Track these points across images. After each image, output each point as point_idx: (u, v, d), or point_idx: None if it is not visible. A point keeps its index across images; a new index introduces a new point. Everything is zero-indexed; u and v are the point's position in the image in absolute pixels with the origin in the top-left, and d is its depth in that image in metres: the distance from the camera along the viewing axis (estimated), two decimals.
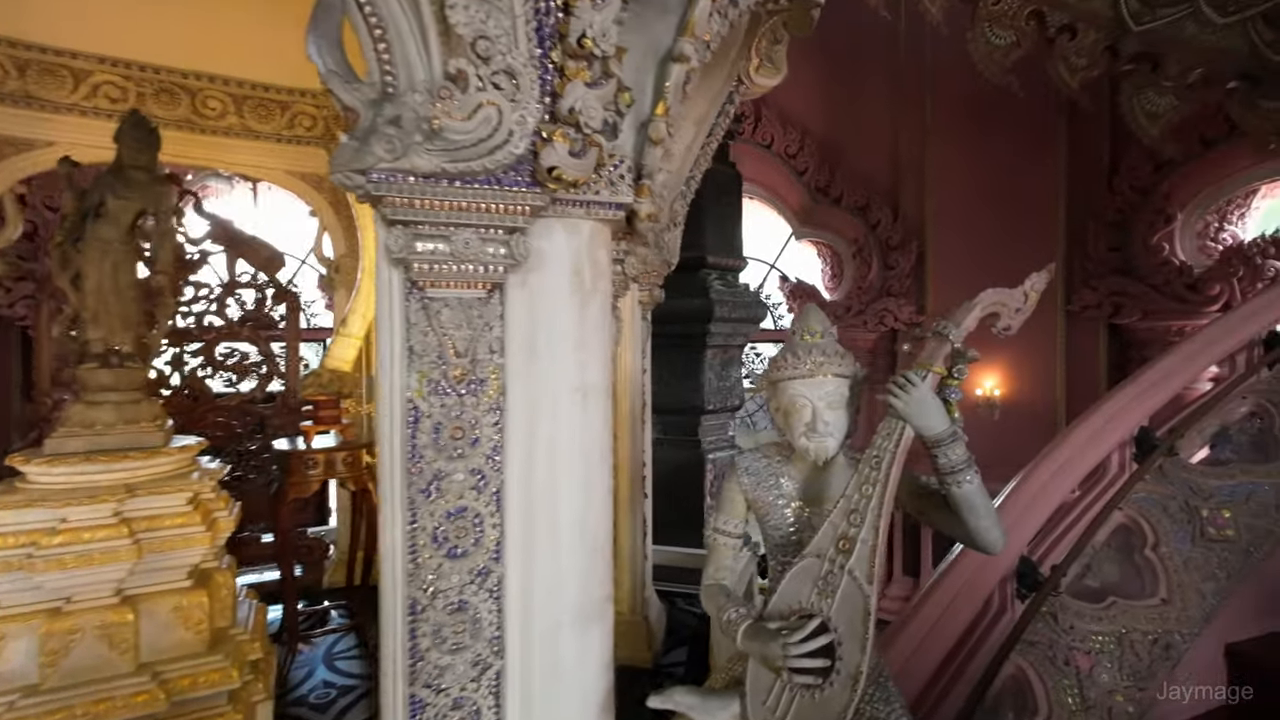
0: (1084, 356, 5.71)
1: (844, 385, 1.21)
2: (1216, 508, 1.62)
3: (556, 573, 1.16)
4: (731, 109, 2.21)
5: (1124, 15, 4.00)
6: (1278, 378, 1.82)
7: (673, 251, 2.30)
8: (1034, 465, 1.58)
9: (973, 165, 6.13)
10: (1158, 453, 1.67)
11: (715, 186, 4.97)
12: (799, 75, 7.33)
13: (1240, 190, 5.10)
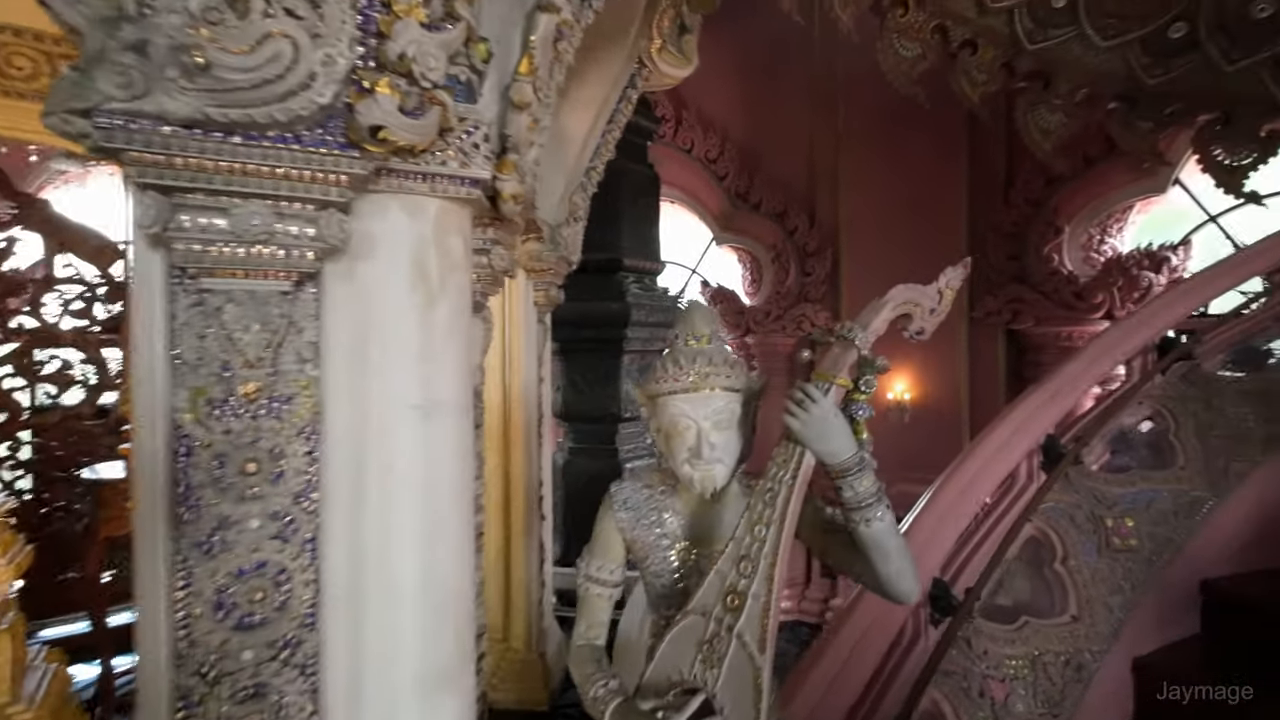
0: (985, 361, 5.96)
1: (735, 401, 1.05)
2: (1120, 516, 1.59)
3: (393, 637, 0.92)
4: (634, 94, 2.04)
5: (1019, 34, 4.16)
6: (1171, 383, 1.82)
7: (573, 248, 2.10)
8: (943, 481, 1.48)
9: (884, 174, 6.30)
10: (1065, 461, 1.61)
11: (633, 187, 4.83)
12: (719, 81, 7.37)
13: (1119, 205, 5.47)
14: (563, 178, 1.96)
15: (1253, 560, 1.65)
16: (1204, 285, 1.78)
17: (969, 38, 4.29)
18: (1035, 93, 4.30)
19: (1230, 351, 1.92)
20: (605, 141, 2.05)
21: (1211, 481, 1.65)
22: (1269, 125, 3.77)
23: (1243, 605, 1.57)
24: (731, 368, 1.07)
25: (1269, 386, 1.77)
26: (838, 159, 6.56)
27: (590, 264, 4.66)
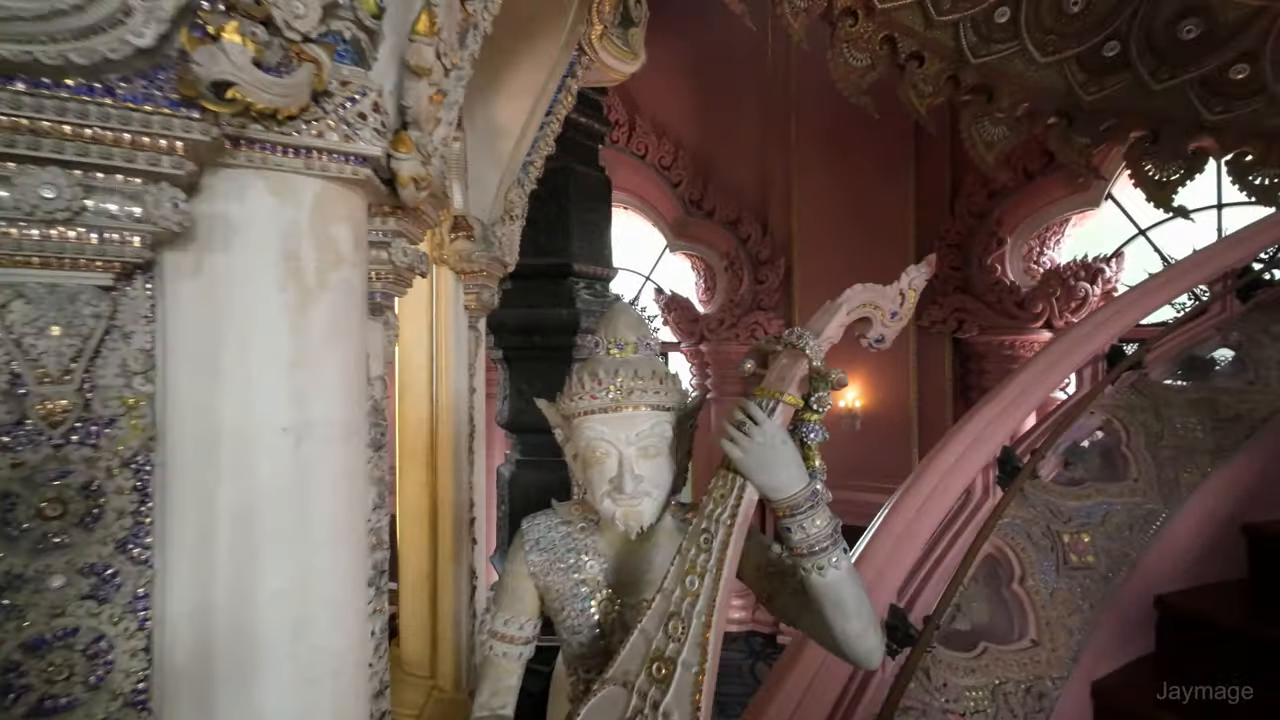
0: (933, 369, 6.05)
1: (665, 421, 0.91)
2: (1077, 532, 1.53)
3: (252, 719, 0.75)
4: (575, 84, 1.91)
5: (964, 47, 4.22)
6: (1121, 393, 1.79)
7: (509, 249, 1.94)
8: (897, 499, 1.39)
9: (835, 184, 6.35)
10: (1021, 475, 1.55)
11: (583, 191, 4.70)
12: (673, 88, 7.31)
13: (1056, 219, 5.65)
14: (497, 171, 1.80)
15: (1205, 574, 1.63)
16: (1152, 293, 1.75)
17: (916, 50, 4.34)
18: (979, 106, 4.38)
19: (1176, 361, 1.91)
20: (544, 135, 1.91)
21: (1164, 494, 1.61)
22: (1195, 143, 3.91)
23: (1197, 620, 1.53)
24: (661, 382, 0.92)
25: (1214, 396, 1.75)
26: (790, 168, 6.59)
27: (539, 269, 4.52)
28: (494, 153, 1.78)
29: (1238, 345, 1.85)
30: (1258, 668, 1.40)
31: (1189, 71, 3.79)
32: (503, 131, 1.78)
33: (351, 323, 0.85)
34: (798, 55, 5.76)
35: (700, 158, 7.16)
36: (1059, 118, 4.22)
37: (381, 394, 1.01)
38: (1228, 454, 1.68)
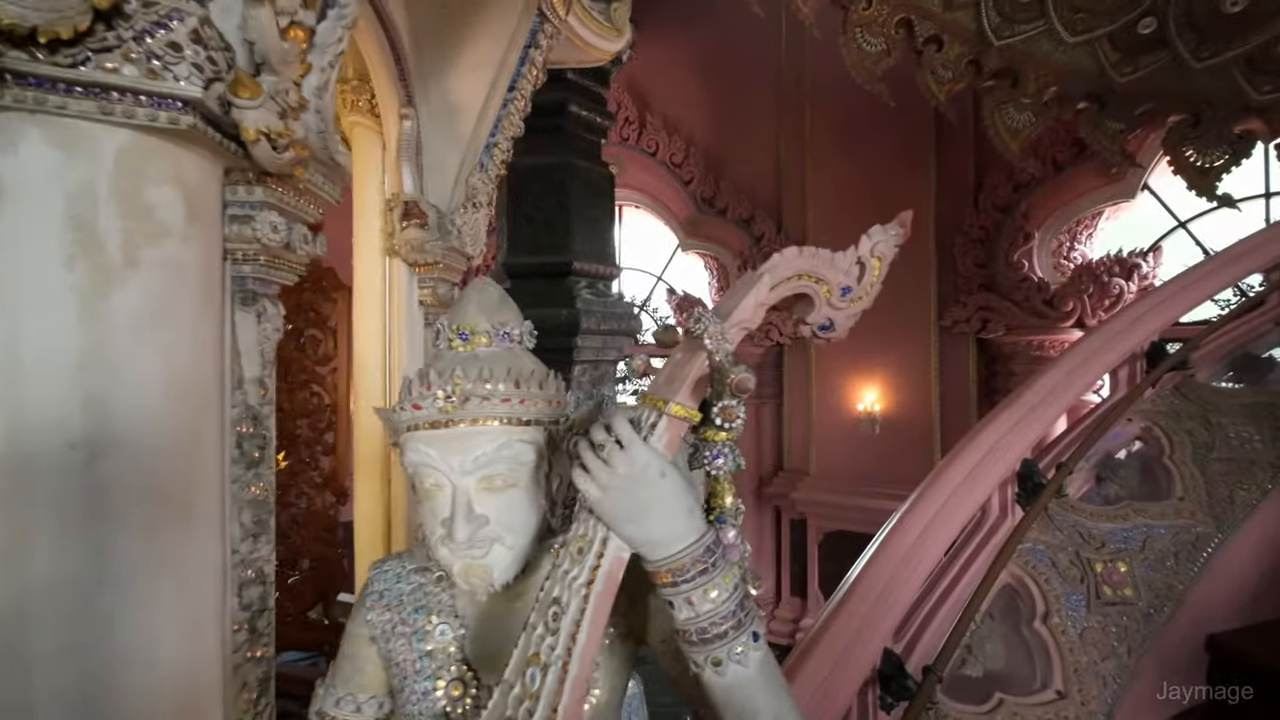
0: (956, 370, 5.77)
1: (523, 441, 0.67)
2: (1111, 559, 1.31)
3: None
4: (539, 56, 1.73)
5: (985, 29, 3.96)
6: (1162, 397, 1.56)
7: (472, 240, 1.78)
8: (898, 519, 1.18)
9: (851, 179, 6.11)
10: (1046, 493, 1.33)
11: (585, 186, 4.54)
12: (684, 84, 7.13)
13: (1087, 212, 5.33)
14: (456, 154, 1.64)
15: (1265, 609, 1.39)
16: (1198, 283, 1.52)
17: (934, 33, 4.10)
18: (1003, 91, 4.11)
19: (1227, 360, 1.66)
20: (509, 114, 1.74)
21: (1215, 515, 1.38)
22: (1241, 126, 3.61)
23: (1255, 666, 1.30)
24: (519, 385, 0.68)
25: (1275, 401, 1.51)
26: (805, 164, 6.36)
27: (536, 267, 4.37)
28: (452, 133, 1.62)
29: None
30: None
31: (1234, 48, 3.49)
32: (461, 110, 1.62)
33: (182, 313, 0.68)
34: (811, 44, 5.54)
35: (712, 155, 6.97)
36: (1090, 102, 3.94)
37: (260, 400, 0.85)
38: None
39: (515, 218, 4.42)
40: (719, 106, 6.93)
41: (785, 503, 6.34)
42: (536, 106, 4.46)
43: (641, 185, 7.15)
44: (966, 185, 5.71)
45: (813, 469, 6.28)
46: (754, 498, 6.66)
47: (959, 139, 5.57)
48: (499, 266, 4.55)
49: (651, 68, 7.06)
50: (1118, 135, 3.94)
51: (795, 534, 6.42)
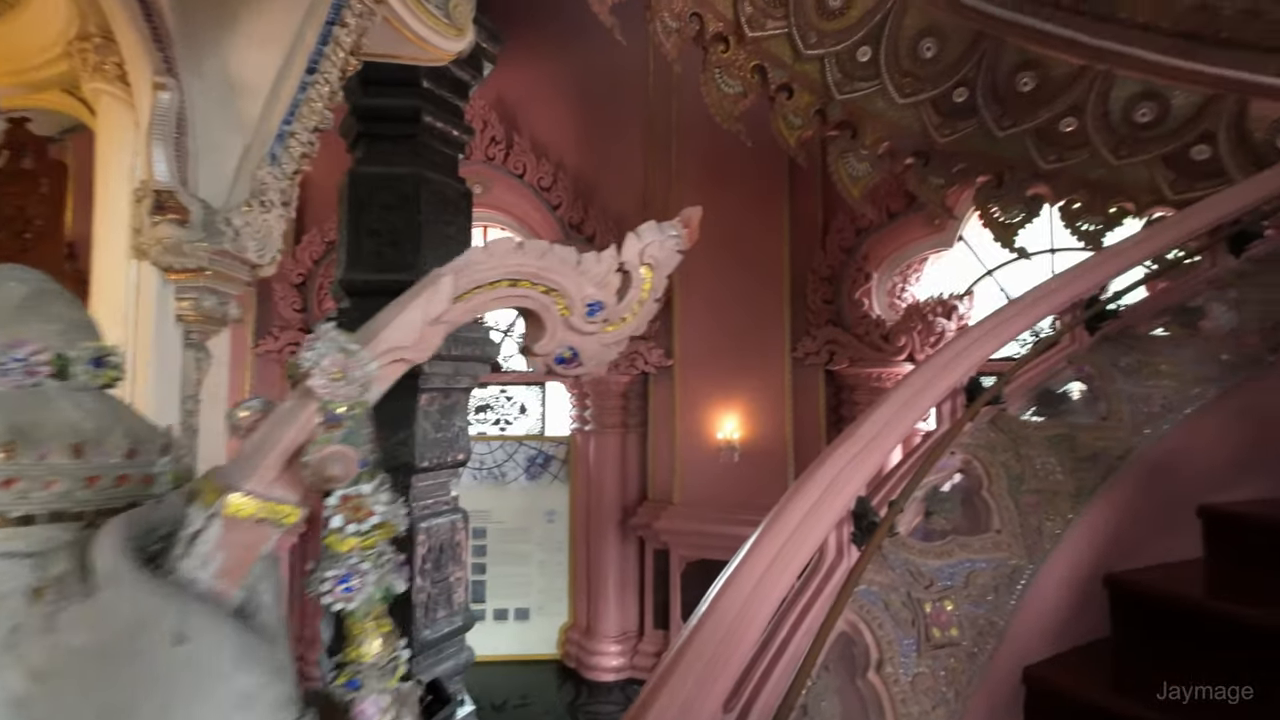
0: (807, 399, 6.07)
1: (11, 557, 0.37)
2: (939, 598, 1.29)
3: None
4: (345, 36, 1.49)
5: (829, 83, 4.26)
6: (980, 430, 1.61)
7: (259, 245, 1.48)
8: (731, 572, 1.07)
9: (713, 212, 6.23)
10: (879, 531, 1.28)
11: (439, 201, 4.24)
12: (556, 109, 7.04)
13: (916, 256, 5.90)
14: (238, 140, 1.36)
15: (1073, 635, 1.45)
16: (1008, 323, 1.60)
17: (786, 81, 4.34)
18: (845, 141, 4.42)
19: (1031, 395, 1.77)
20: (309, 100, 1.48)
21: (1028, 546, 1.42)
22: (1033, 189, 4.14)
23: (1062, 696, 1.34)
24: (17, 452, 0.41)
25: (1072, 433, 1.62)
26: (670, 195, 6.49)
27: (382, 285, 3.98)
28: (232, 115, 1.34)
29: (1089, 378, 1.74)
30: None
31: (1027, 121, 4.00)
32: (246, 88, 1.35)
33: None
34: (679, 79, 5.70)
35: (582, 180, 6.92)
36: (916, 158, 4.34)
37: None
38: (1088, 497, 1.53)
39: (357, 230, 4.02)
40: (590, 133, 6.92)
41: (649, 533, 6.28)
42: (384, 111, 4.14)
43: (507, 206, 6.92)
44: (816, 226, 6.12)
45: (676, 497, 6.28)
46: (618, 529, 6.53)
47: (810, 182, 5.97)
48: (336, 283, 4.09)
49: (522, 88, 6.91)
50: (939, 190, 4.36)
51: (658, 564, 6.37)
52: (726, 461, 6.09)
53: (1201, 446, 1.66)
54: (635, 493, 6.63)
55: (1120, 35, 3.66)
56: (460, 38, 1.97)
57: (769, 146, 4.54)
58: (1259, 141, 3.38)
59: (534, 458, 6.95)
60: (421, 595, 4.00)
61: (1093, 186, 3.92)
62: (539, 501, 6.91)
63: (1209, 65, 3.43)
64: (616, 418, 6.65)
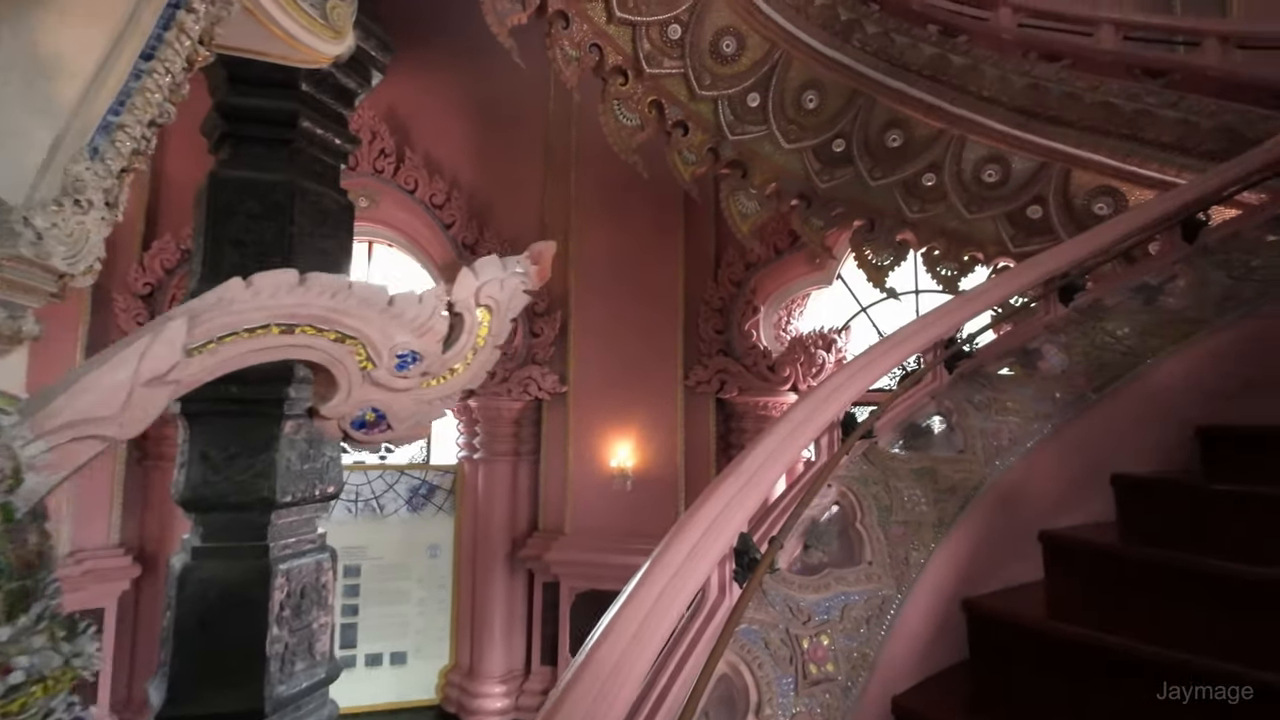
0: (699, 427, 6.19)
1: None
2: (815, 634, 1.30)
3: None
4: (192, 23, 1.32)
5: (722, 124, 4.44)
6: (854, 463, 1.68)
7: (69, 251, 1.24)
8: (610, 620, 1.01)
9: (611, 241, 6.36)
10: (760, 568, 1.28)
11: (315, 213, 3.93)
12: (453, 126, 6.83)
13: (799, 292, 6.25)
14: (47, 127, 1.15)
15: (937, 660, 1.52)
16: (880, 359, 1.69)
17: (681, 119, 4.47)
18: (736, 180, 4.61)
19: (899, 428, 1.87)
20: (144, 90, 1.29)
21: (896, 576, 1.48)
22: (901, 235, 4.51)
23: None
24: None
25: (934, 466, 1.72)
26: (569, 221, 6.47)
27: None
28: (38, 96, 1.13)
29: (948, 413, 1.87)
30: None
31: (895, 174, 4.37)
32: (60, 69, 1.14)
33: None
34: (580, 107, 5.74)
35: (477, 200, 6.74)
36: (800, 200, 4.61)
37: None
38: (948, 526, 1.63)
39: (216, 240, 3.62)
40: (487, 153, 6.78)
41: (538, 565, 6.07)
42: (256, 112, 3.80)
43: (396, 222, 6.59)
44: (709, 258, 6.33)
45: (568, 527, 6.14)
46: (506, 562, 6.27)
47: (704, 215, 6.18)
48: (189, 296, 3.66)
49: (417, 102, 6.66)
50: (819, 231, 4.64)
51: (548, 597, 6.16)
52: (619, 489, 6.05)
53: (1041, 477, 1.83)
54: (525, 523, 6.41)
55: (971, 105, 4.12)
56: (338, 41, 1.84)
57: (666, 179, 4.64)
58: (1079, 206, 3.91)
59: (417, 488, 6.54)
60: (277, 647, 3.57)
61: (949, 236, 4.34)
62: (421, 535, 6.49)
63: (1041, 137, 3.93)
64: (508, 445, 6.43)
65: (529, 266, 0.53)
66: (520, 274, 0.53)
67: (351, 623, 6.31)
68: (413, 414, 0.42)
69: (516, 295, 0.52)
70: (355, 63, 3.98)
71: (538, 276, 0.54)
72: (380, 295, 0.42)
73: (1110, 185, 3.80)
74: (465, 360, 0.46)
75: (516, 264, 0.51)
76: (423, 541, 6.50)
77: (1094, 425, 1.92)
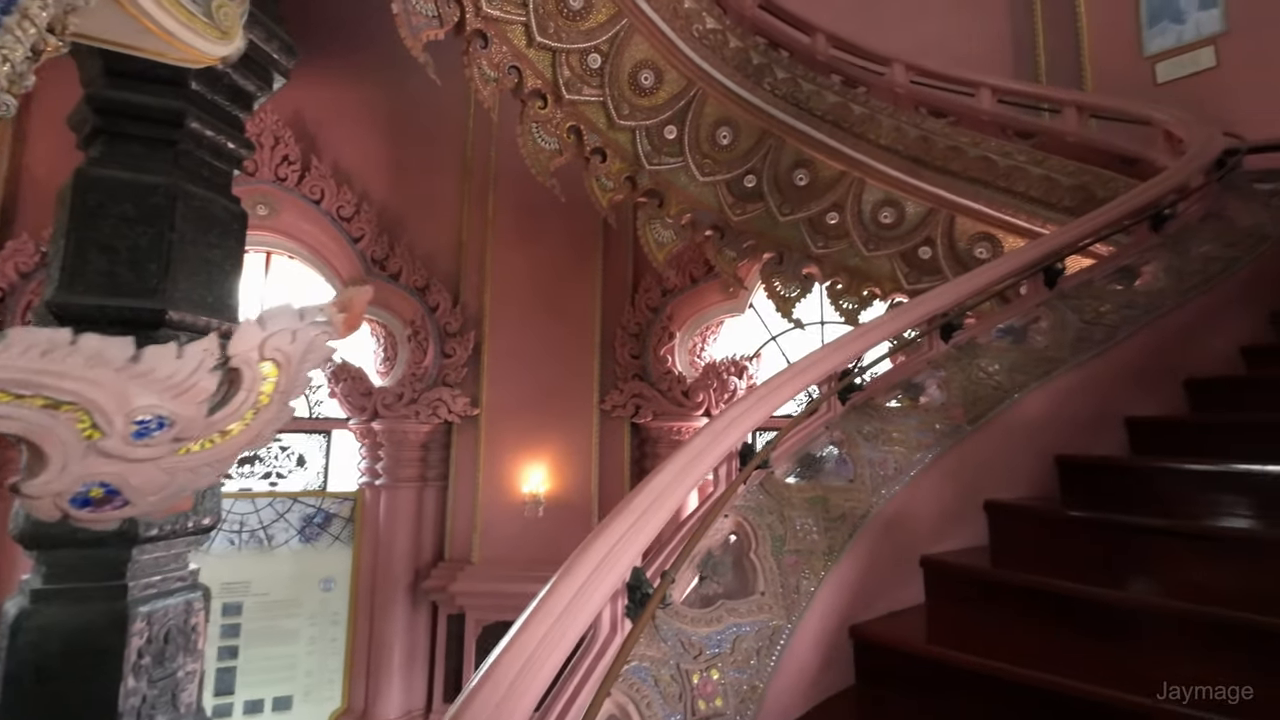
0: (613, 451, 6.16)
1: None
2: (706, 668, 1.30)
3: None
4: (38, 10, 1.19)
5: (639, 154, 4.52)
6: (751, 492, 1.71)
7: None
8: (491, 663, 0.96)
9: (529, 262, 6.29)
10: (651, 603, 1.26)
11: (201, 219, 3.64)
12: (364, 137, 6.57)
13: (713, 319, 6.41)
14: None
15: (825, 687, 1.55)
16: (778, 389, 1.73)
17: (600, 146, 4.52)
18: (652, 209, 4.70)
19: (795, 458, 1.92)
20: None
21: (787, 606, 1.50)
22: (807, 269, 4.74)
23: None
24: None
25: (826, 495, 1.77)
26: (486, 241, 6.35)
27: (112, 312, 3.27)
28: None
29: (840, 443, 1.94)
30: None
31: (802, 211, 4.60)
32: None
33: None
34: (499, 126, 5.68)
35: (389, 215, 6.49)
36: (714, 231, 4.75)
37: None
38: (837, 554, 1.68)
39: (81, 243, 3.27)
40: (402, 167, 6.56)
41: (443, 596, 5.79)
42: (136, 108, 3.49)
43: (298, 233, 6.23)
44: (627, 283, 6.38)
45: (476, 556, 5.91)
46: (408, 595, 5.94)
47: (622, 241, 6.25)
48: (43, 305, 3.27)
49: (327, 109, 6.37)
50: (732, 261, 4.80)
51: (452, 630, 5.87)
52: (531, 516, 5.90)
53: (923, 504, 1.94)
54: (431, 553, 6.12)
55: (869, 151, 4.42)
56: (225, 41, 1.72)
57: (585, 203, 4.66)
58: (962, 250, 4.26)
59: (311, 517, 6.09)
60: (133, 700, 3.18)
61: (851, 272, 4.60)
62: (314, 567, 6.03)
63: (929, 185, 4.27)
64: (414, 470, 6.14)
65: (334, 315, 0.49)
66: (321, 323, 0.48)
67: (229, 666, 5.75)
68: (163, 485, 0.37)
69: (316, 347, 0.47)
70: (254, 64, 3.76)
71: (346, 325, 0.49)
72: (120, 351, 0.36)
73: (989, 232, 4.17)
74: (244, 420, 0.41)
75: (318, 313, 0.47)
76: (316, 574, 6.05)
77: (969, 455, 2.06)
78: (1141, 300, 2.51)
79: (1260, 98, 4.22)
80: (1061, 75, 5.19)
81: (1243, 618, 1.36)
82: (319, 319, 0.47)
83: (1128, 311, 2.46)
